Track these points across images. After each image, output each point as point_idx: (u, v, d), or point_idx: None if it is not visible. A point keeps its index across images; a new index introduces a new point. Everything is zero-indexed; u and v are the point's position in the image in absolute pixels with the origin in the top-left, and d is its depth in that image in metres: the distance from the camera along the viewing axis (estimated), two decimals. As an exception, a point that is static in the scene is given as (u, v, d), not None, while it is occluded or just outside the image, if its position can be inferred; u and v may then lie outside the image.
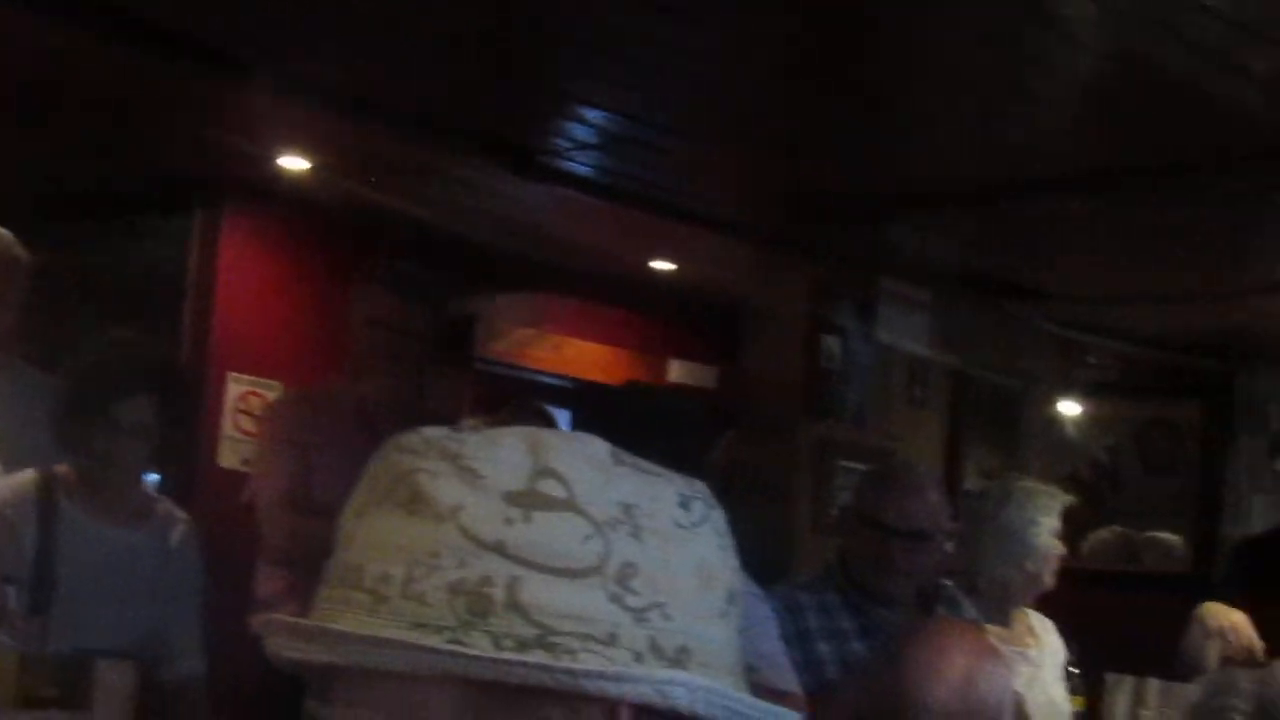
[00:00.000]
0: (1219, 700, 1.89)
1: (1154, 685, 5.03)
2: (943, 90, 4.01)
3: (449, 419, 4.62)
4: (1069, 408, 7.66)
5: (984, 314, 6.32)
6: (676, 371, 7.32)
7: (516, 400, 5.43)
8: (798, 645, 3.85)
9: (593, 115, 4.53)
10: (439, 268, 5.41)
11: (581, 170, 5.09)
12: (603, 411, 3.57)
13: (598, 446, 1.07)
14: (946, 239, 5.66)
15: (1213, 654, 5.30)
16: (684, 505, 1.06)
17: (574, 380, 7.13)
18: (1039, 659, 4.55)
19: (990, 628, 4.41)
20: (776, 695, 3.21)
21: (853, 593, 3.95)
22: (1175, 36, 3.47)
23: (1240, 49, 3.47)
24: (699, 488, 1.09)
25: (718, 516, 1.09)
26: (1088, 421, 7.82)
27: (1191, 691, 4.38)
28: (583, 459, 1.05)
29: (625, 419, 3.37)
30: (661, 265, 6.48)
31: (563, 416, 5.98)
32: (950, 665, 2.78)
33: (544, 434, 1.07)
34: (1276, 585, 5.20)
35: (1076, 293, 6.25)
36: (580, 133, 4.71)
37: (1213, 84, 3.69)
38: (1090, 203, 4.81)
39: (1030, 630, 4.59)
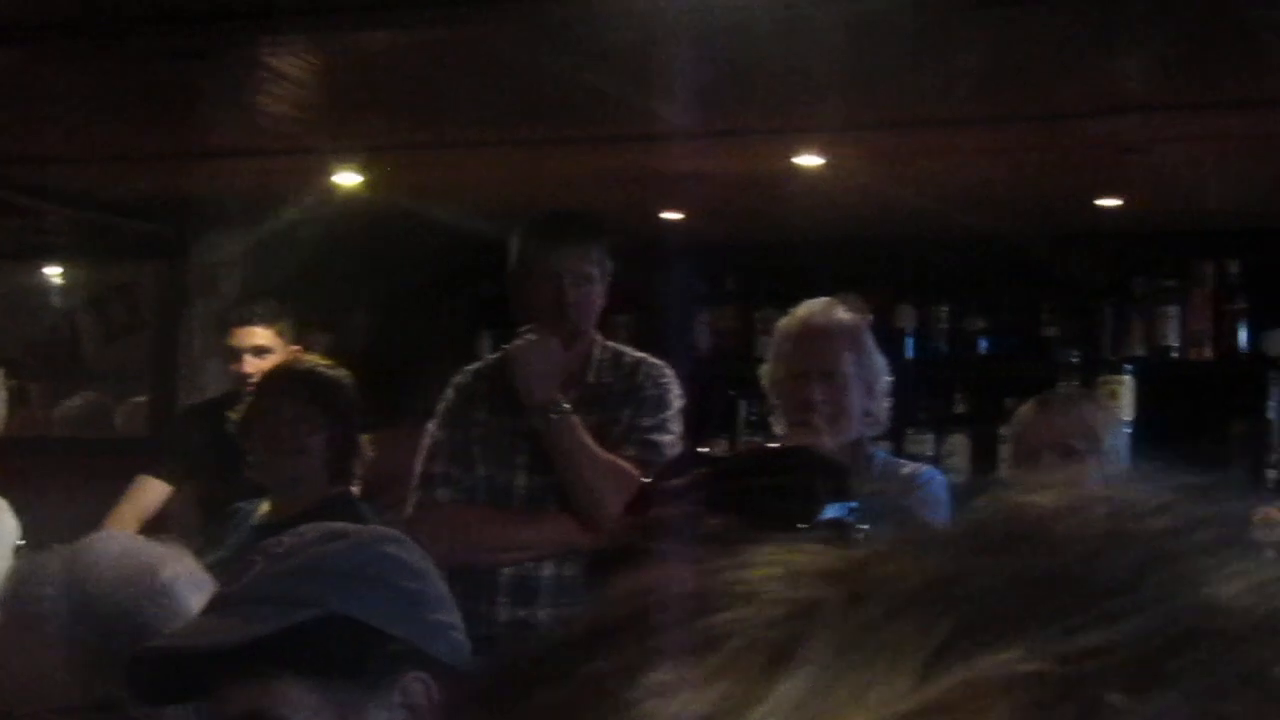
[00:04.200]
0: (26, 589, 1.82)
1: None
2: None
3: None
4: (20, 275, 7.39)
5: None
6: None
7: None
8: None
9: None
10: None
11: None
12: None
13: None
14: None
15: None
16: None
17: None
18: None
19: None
20: None
21: None
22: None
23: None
24: None
25: None
26: (43, 289, 7.59)
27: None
28: None
29: None
30: None
31: None
32: None
33: None
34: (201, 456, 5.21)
35: (18, 153, 5.97)
36: None
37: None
38: (31, 59, 4.55)
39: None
